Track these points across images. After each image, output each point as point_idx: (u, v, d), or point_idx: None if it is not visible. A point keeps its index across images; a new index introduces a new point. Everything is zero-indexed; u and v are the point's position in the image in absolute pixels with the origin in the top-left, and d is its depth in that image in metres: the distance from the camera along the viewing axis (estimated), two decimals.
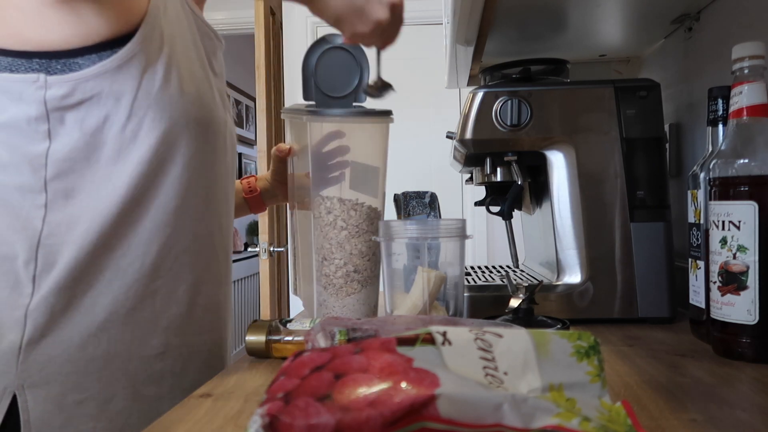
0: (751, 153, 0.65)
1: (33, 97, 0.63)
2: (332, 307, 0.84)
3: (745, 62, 0.66)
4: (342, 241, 0.83)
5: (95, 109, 0.65)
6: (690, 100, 1.06)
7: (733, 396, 0.55)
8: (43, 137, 0.64)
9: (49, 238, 0.65)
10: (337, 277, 0.84)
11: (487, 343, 0.40)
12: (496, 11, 0.97)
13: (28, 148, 0.64)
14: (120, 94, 0.65)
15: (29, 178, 0.65)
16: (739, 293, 0.65)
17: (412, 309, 0.76)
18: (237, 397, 0.57)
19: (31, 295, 0.65)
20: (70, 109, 0.64)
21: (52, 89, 0.63)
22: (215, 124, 0.76)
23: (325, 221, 0.84)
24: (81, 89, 0.64)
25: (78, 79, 0.63)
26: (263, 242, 2.36)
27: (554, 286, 0.91)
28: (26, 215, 0.65)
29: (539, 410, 0.37)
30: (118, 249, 0.67)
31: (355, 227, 0.83)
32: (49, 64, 0.63)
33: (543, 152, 0.93)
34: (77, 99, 0.64)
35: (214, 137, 0.76)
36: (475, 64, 1.26)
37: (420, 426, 0.35)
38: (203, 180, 0.74)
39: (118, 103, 0.65)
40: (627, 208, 0.90)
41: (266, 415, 0.34)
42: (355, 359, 0.38)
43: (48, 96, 0.63)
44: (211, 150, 0.76)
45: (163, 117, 0.68)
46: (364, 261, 0.84)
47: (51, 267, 0.65)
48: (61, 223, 0.65)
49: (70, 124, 0.64)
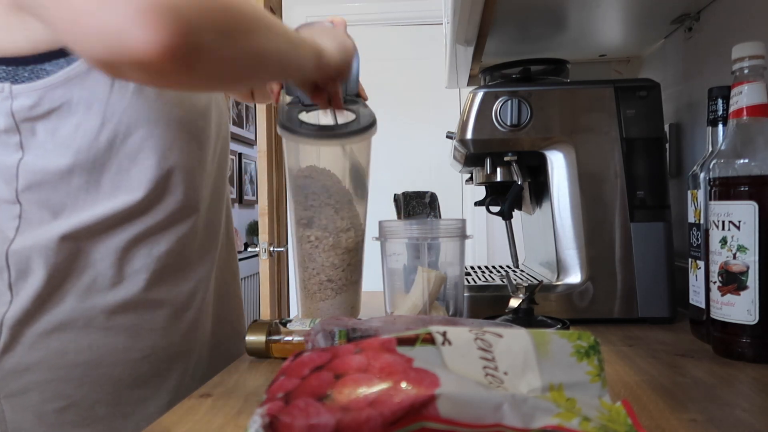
0: (751, 153, 0.65)
1: (0, 109, 0.61)
2: (307, 308, 0.84)
3: (745, 62, 0.66)
4: (312, 255, 0.82)
5: (66, 118, 0.62)
6: (690, 100, 1.06)
7: (733, 396, 0.55)
8: (15, 149, 0.62)
9: (20, 245, 0.63)
10: (311, 283, 0.83)
11: (487, 343, 0.40)
12: (496, 11, 0.97)
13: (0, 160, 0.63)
14: (90, 100, 0.62)
15: (1, 189, 0.63)
16: (739, 293, 0.65)
17: (412, 309, 0.76)
18: (237, 397, 0.57)
19: (9, 303, 0.63)
20: (39, 119, 0.62)
21: (19, 99, 0.61)
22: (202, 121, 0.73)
23: (301, 231, 0.83)
24: (49, 98, 0.61)
25: (45, 87, 0.60)
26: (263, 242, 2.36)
27: (554, 286, 0.91)
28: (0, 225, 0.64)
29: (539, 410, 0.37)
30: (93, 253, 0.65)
31: (326, 245, 0.82)
32: (16, 72, 0.61)
33: (543, 152, 0.93)
34: (45, 108, 0.61)
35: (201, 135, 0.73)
36: (475, 64, 1.26)
37: (420, 426, 0.35)
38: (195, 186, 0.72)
39: (89, 110, 0.62)
40: (627, 208, 0.90)
41: (266, 415, 0.34)
42: (355, 359, 0.38)
43: (15, 107, 0.61)
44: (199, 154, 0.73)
45: (140, 123, 0.65)
46: (337, 272, 0.83)
47: (26, 275, 0.63)
48: (34, 233, 0.63)
49: (42, 136, 0.62)
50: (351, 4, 2.72)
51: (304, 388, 0.36)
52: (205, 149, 0.74)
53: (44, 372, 0.64)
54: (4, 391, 0.63)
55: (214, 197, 0.79)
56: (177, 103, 0.68)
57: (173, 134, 0.68)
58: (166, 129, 0.67)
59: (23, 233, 0.64)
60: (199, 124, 0.73)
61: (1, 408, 0.63)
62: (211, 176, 0.78)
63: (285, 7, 2.72)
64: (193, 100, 0.72)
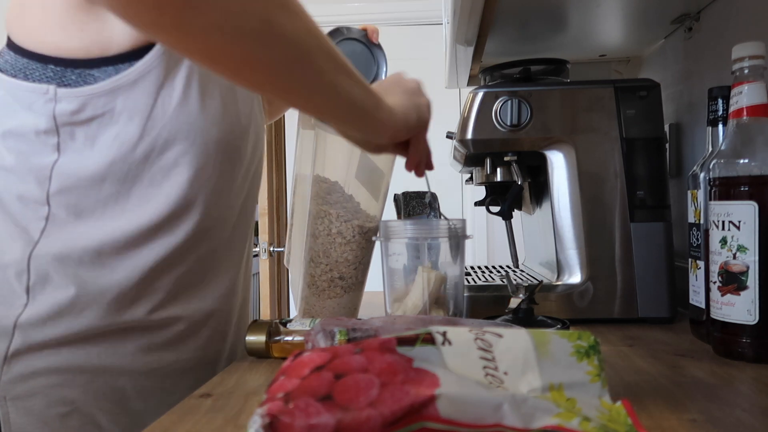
0: (751, 153, 0.65)
1: (43, 110, 0.61)
2: (313, 305, 0.84)
3: (745, 62, 0.66)
4: (328, 249, 0.82)
5: (107, 126, 0.62)
6: (690, 100, 1.06)
7: (733, 396, 0.55)
8: (52, 150, 0.62)
9: (43, 251, 0.63)
10: (322, 280, 0.83)
11: (487, 343, 0.40)
12: (496, 11, 0.97)
13: (34, 159, 0.62)
14: (133, 111, 0.62)
15: (33, 188, 0.62)
16: (739, 293, 0.65)
17: (412, 309, 0.76)
18: (237, 397, 0.57)
19: (24, 306, 0.63)
20: (80, 124, 0.61)
21: (62, 103, 0.60)
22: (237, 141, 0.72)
23: (317, 225, 0.83)
24: (92, 105, 0.61)
25: (90, 94, 0.60)
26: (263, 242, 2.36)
27: (554, 286, 0.91)
28: (25, 225, 0.63)
29: (539, 410, 0.37)
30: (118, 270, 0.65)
31: (345, 237, 0.82)
32: (64, 73, 0.61)
33: (543, 152, 0.93)
34: (87, 115, 0.61)
35: (236, 156, 0.72)
36: (475, 64, 1.26)
37: (420, 426, 0.35)
38: (222, 205, 0.71)
39: (130, 122, 0.62)
40: (627, 208, 0.90)
41: (266, 415, 0.34)
42: (355, 359, 0.38)
43: (57, 110, 0.61)
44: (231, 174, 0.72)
45: (178, 138, 0.64)
46: (350, 269, 0.83)
47: (45, 282, 0.63)
48: (60, 238, 0.63)
49: (80, 140, 0.62)
50: (351, 4, 2.72)
51: (304, 388, 0.36)
52: (237, 169, 0.73)
53: (51, 376, 0.63)
54: (10, 393, 0.63)
55: (242, 216, 0.78)
56: (216, 122, 0.67)
57: (209, 153, 0.67)
58: (202, 147, 0.66)
59: (48, 236, 0.63)
60: (236, 144, 0.72)
61: (6, 410, 0.63)
62: (241, 196, 0.76)
63: None
64: (232, 119, 0.70)
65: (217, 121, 0.67)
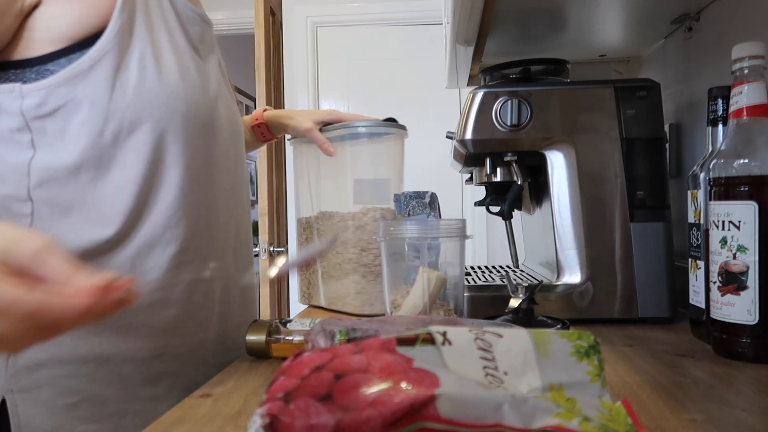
0: (751, 153, 0.65)
1: (12, 108, 0.63)
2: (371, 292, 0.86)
3: (745, 62, 0.66)
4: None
5: (72, 116, 0.63)
6: (690, 100, 1.06)
7: (733, 396, 0.55)
8: (27, 147, 0.64)
9: None
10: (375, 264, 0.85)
11: (487, 343, 0.40)
12: (496, 11, 0.97)
13: (12, 158, 0.64)
14: (94, 97, 0.63)
15: (14, 187, 0.64)
16: (739, 293, 0.65)
17: (413, 309, 0.76)
18: (237, 397, 0.57)
19: None
20: (48, 117, 0.63)
21: (27, 99, 0.62)
22: (206, 116, 0.73)
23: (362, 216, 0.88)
24: (54, 96, 0.63)
25: (49, 85, 0.62)
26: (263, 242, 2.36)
27: (554, 286, 0.91)
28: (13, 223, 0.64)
29: (539, 410, 0.37)
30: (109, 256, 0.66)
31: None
32: (24, 74, 0.63)
33: (543, 152, 0.93)
34: (51, 107, 0.63)
35: (209, 131, 0.73)
36: (475, 64, 1.26)
37: (420, 426, 0.35)
38: (202, 181, 0.73)
39: (93, 108, 0.64)
40: (627, 208, 0.90)
41: (266, 415, 0.34)
42: (355, 359, 0.38)
43: (24, 106, 0.62)
44: (207, 150, 0.73)
45: (143, 117, 0.66)
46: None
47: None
48: (47, 232, 0.64)
49: (52, 134, 0.64)
50: (351, 4, 2.72)
51: (304, 388, 0.36)
52: (212, 145, 0.74)
53: (56, 368, 0.65)
54: (17, 385, 0.64)
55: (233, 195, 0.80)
56: (179, 97, 0.68)
57: (178, 129, 0.68)
58: (169, 124, 0.68)
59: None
60: (206, 119, 0.73)
61: (14, 402, 0.64)
62: (225, 172, 0.78)
63: (285, 7, 2.72)
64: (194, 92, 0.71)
65: (179, 96, 0.68)
